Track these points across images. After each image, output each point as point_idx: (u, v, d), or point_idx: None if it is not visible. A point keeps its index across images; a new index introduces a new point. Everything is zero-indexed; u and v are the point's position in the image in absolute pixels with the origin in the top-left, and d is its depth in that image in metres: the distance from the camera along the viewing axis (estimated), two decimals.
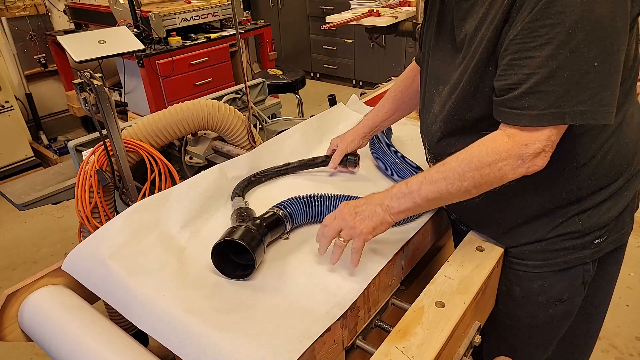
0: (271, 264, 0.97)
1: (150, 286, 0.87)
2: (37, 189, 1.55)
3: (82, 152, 1.56)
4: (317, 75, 5.46)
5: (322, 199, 1.06)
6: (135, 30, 3.03)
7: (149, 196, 1.10)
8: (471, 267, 0.95)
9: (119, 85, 3.39)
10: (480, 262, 0.97)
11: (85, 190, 1.34)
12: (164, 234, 1.03)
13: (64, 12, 3.93)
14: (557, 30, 0.69)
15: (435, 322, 0.82)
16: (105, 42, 1.59)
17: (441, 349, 0.78)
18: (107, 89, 1.27)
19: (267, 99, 2.17)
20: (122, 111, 2.31)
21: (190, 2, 3.38)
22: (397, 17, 2.58)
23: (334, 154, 1.29)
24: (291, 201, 1.05)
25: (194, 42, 3.25)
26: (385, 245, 0.99)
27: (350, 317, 0.86)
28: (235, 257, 0.94)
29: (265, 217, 1.00)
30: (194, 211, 1.10)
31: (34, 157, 3.60)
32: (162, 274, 0.91)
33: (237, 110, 1.62)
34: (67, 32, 3.75)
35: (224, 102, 1.63)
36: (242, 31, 3.63)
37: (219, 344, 0.75)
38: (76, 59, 1.51)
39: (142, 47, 1.71)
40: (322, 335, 0.78)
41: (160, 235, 1.02)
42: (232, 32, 3.42)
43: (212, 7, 3.39)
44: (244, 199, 1.14)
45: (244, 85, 1.62)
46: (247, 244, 0.88)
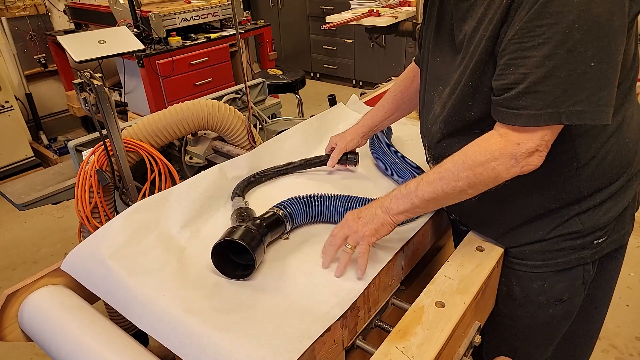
0: (271, 264, 0.97)
1: (150, 286, 0.87)
2: (37, 189, 1.55)
3: (82, 152, 1.56)
4: (317, 75, 5.46)
5: (322, 199, 1.06)
6: (135, 30, 3.03)
7: (149, 196, 1.10)
8: (471, 267, 0.95)
9: (119, 85, 3.39)
10: (480, 262, 0.97)
11: (85, 190, 1.34)
12: (164, 234, 1.03)
13: (64, 12, 3.93)
14: (554, 30, 0.69)
15: (435, 322, 0.82)
16: (105, 42, 1.59)
17: (441, 349, 0.78)
18: (107, 89, 1.27)
19: (267, 99, 2.17)
20: (122, 111, 2.30)
21: (190, 2, 3.38)
22: (397, 17, 2.58)
23: (333, 152, 1.29)
24: (291, 201, 1.05)
25: (194, 42, 3.25)
26: (385, 245, 0.99)
27: (350, 317, 0.86)
28: (235, 257, 0.94)
29: (265, 217, 1.00)
30: (194, 211, 1.10)
31: (34, 157, 3.60)
32: (162, 274, 0.91)
33: (237, 110, 1.62)
34: (67, 32, 3.75)
35: (224, 102, 1.63)
36: (242, 31, 3.63)
37: (219, 344, 0.75)
38: (76, 59, 1.51)
39: (142, 47, 1.71)
40: (322, 335, 0.78)
41: (160, 235, 1.02)
42: (232, 32, 3.43)
43: (212, 7, 3.39)
44: (244, 199, 1.14)
45: (244, 85, 1.62)
46: (247, 244, 0.88)
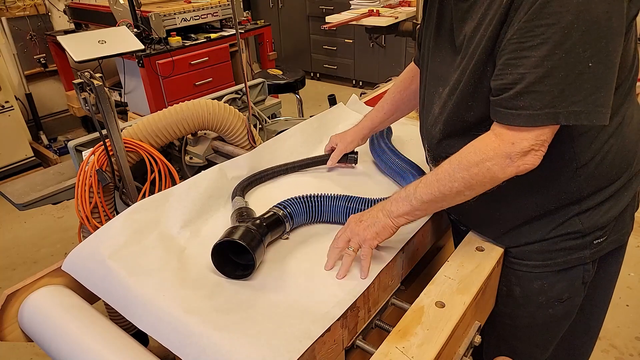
0: (271, 264, 0.97)
1: (150, 286, 0.87)
2: (37, 189, 1.55)
3: (82, 152, 1.56)
4: (317, 75, 5.46)
5: (322, 199, 1.06)
6: (135, 30, 3.03)
7: (149, 196, 1.10)
8: (471, 267, 0.95)
9: (119, 85, 3.39)
10: (480, 262, 0.97)
11: (85, 190, 1.34)
12: (164, 234, 1.03)
13: (64, 12, 3.93)
14: (553, 30, 0.69)
15: (435, 322, 0.82)
16: (105, 42, 1.59)
17: (441, 349, 0.78)
18: (107, 89, 1.27)
19: (267, 99, 2.17)
20: (122, 111, 2.31)
21: (190, 2, 3.38)
22: (397, 17, 2.58)
23: (333, 152, 1.31)
24: (291, 201, 1.05)
25: (194, 42, 3.25)
26: (385, 245, 0.99)
27: (350, 317, 0.86)
28: (235, 257, 0.94)
29: (265, 217, 1.00)
30: (194, 211, 1.10)
31: (34, 157, 3.60)
32: (162, 274, 0.91)
33: (237, 110, 1.62)
34: (67, 32, 3.75)
35: (224, 102, 1.63)
36: (242, 31, 3.63)
37: (219, 344, 0.75)
38: (76, 59, 1.52)
39: (142, 47, 1.71)
40: (322, 335, 0.78)
41: (160, 235, 1.02)
42: (232, 32, 3.42)
43: (212, 7, 3.39)
44: (244, 199, 1.14)
45: (244, 85, 1.62)
46: (247, 244, 0.88)
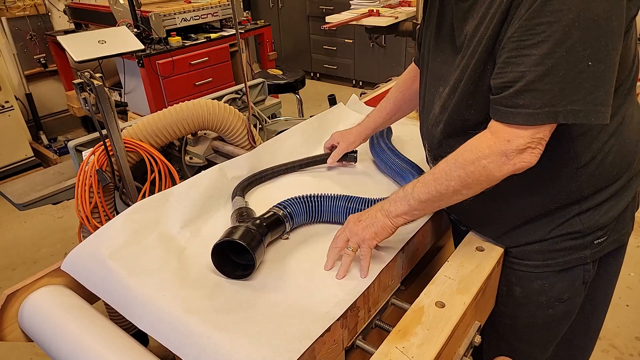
0: (271, 264, 0.97)
1: (150, 286, 0.87)
2: (37, 189, 1.55)
3: (82, 152, 1.56)
4: (317, 75, 5.46)
5: (322, 199, 1.06)
6: (135, 30, 3.03)
7: (149, 196, 1.10)
8: (471, 267, 0.95)
9: (119, 85, 3.39)
10: (480, 262, 0.97)
11: (85, 190, 1.34)
12: (164, 234, 1.03)
13: (64, 12, 3.92)
14: (553, 28, 0.69)
15: (435, 322, 0.82)
16: (105, 42, 1.58)
17: (441, 349, 0.78)
18: (107, 89, 1.27)
19: (267, 99, 2.17)
20: (122, 111, 2.30)
21: (190, 2, 3.38)
22: (397, 17, 2.58)
23: (334, 151, 1.31)
24: (291, 201, 1.05)
25: (194, 42, 3.25)
26: (385, 245, 0.99)
27: (350, 317, 0.86)
28: (235, 257, 0.94)
29: (265, 217, 1.00)
30: (194, 211, 1.10)
31: (34, 157, 3.60)
32: (162, 274, 0.91)
33: (237, 110, 1.62)
34: (67, 32, 3.75)
35: (224, 102, 1.63)
36: (242, 31, 3.63)
37: (219, 344, 0.75)
38: (76, 59, 1.51)
39: (142, 47, 1.71)
40: (322, 335, 0.78)
41: (160, 235, 1.02)
42: (232, 32, 3.42)
43: (212, 7, 3.39)
44: (244, 199, 1.14)
45: (244, 85, 1.62)
46: (247, 244, 0.88)
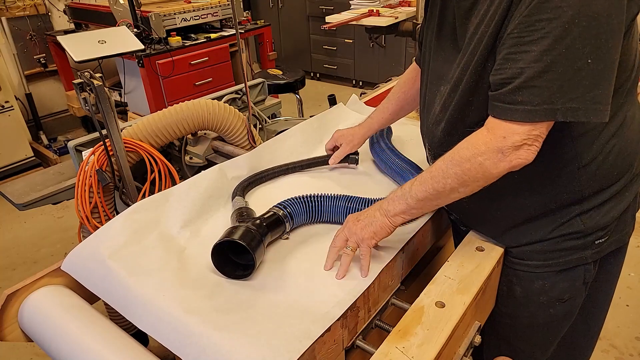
0: (271, 264, 0.97)
1: (150, 286, 0.87)
2: (37, 189, 1.55)
3: (82, 152, 1.56)
4: (317, 75, 5.46)
5: (322, 199, 1.06)
6: (135, 30, 3.03)
7: (149, 196, 1.10)
8: (471, 267, 0.95)
9: (119, 85, 3.39)
10: (480, 262, 0.97)
11: (85, 190, 1.34)
12: (164, 234, 1.03)
13: (64, 12, 3.92)
14: (553, 25, 0.69)
15: (435, 322, 0.82)
16: (105, 42, 1.58)
17: (441, 349, 0.78)
18: (107, 89, 1.27)
19: (267, 99, 2.17)
20: (122, 111, 2.30)
21: (190, 2, 3.38)
22: (397, 17, 2.58)
23: (336, 152, 1.31)
24: (291, 201, 1.05)
25: (194, 42, 3.25)
26: (385, 245, 0.99)
27: (350, 317, 0.86)
28: (235, 257, 0.94)
29: (265, 217, 1.00)
30: (194, 211, 1.10)
31: (34, 157, 3.60)
32: (162, 274, 0.91)
33: (237, 110, 1.62)
34: (67, 32, 3.74)
35: (224, 102, 1.63)
36: (242, 31, 3.63)
37: (219, 344, 0.75)
38: (76, 59, 1.51)
39: (142, 47, 1.71)
40: (322, 335, 0.78)
41: (160, 235, 1.02)
42: (232, 32, 3.42)
43: (212, 7, 3.39)
44: (244, 198, 1.14)
45: (244, 85, 1.61)
46: (247, 244, 0.88)
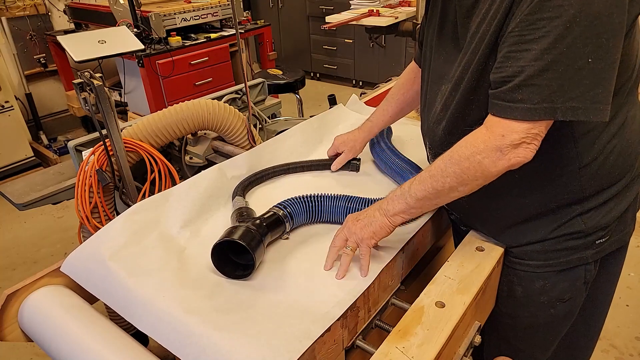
0: (271, 264, 0.97)
1: (150, 286, 0.87)
2: (37, 189, 1.55)
3: (82, 152, 1.55)
4: (317, 75, 5.46)
5: (322, 199, 1.06)
6: (135, 30, 3.03)
7: (149, 196, 1.10)
8: (471, 267, 0.95)
9: (119, 85, 3.39)
10: (480, 262, 0.97)
11: (85, 190, 1.34)
12: (164, 234, 1.03)
13: (64, 12, 3.92)
14: (554, 23, 0.69)
15: (435, 322, 0.82)
16: (105, 42, 1.58)
17: (441, 349, 0.78)
18: (107, 89, 1.27)
19: (267, 99, 2.17)
20: (122, 111, 2.30)
21: (190, 2, 3.38)
22: (397, 17, 2.58)
23: (338, 158, 1.32)
24: (291, 201, 1.05)
25: (194, 42, 3.25)
26: (385, 245, 0.99)
27: (350, 317, 0.86)
28: (235, 257, 0.94)
29: (265, 217, 1.00)
30: (194, 211, 1.10)
31: (34, 157, 3.60)
32: (162, 274, 0.91)
33: (237, 110, 1.62)
34: (67, 32, 3.74)
35: (224, 102, 1.63)
36: (242, 31, 3.63)
37: (219, 344, 0.75)
38: (76, 59, 1.51)
39: (142, 47, 1.70)
40: (322, 335, 0.78)
41: (160, 235, 1.02)
42: (232, 32, 3.42)
43: (212, 7, 3.39)
44: (245, 198, 1.14)
45: (244, 85, 1.61)
46: (247, 244, 0.88)
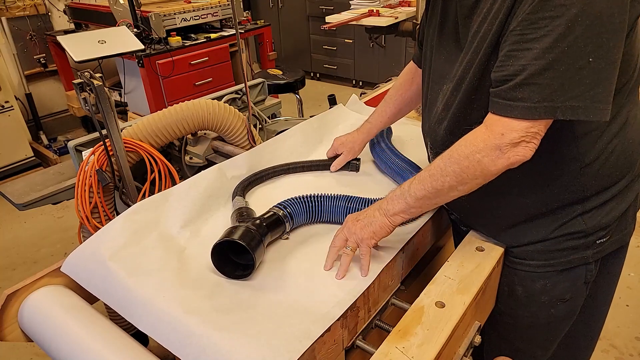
0: (271, 264, 0.97)
1: (150, 286, 0.87)
2: (37, 189, 1.55)
3: (82, 152, 1.56)
4: (317, 75, 5.46)
5: (322, 199, 1.06)
6: (135, 30, 3.03)
7: (149, 196, 1.10)
8: (471, 267, 0.95)
9: (119, 85, 3.39)
10: (480, 262, 0.97)
11: (85, 190, 1.34)
12: (164, 234, 1.03)
13: (64, 12, 3.92)
14: (556, 23, 0.69)
15: (435, 322, 0.82)
16: (105, 42, 1.58)
17: (441, 349, 0.78)
18: (107, 89, 1.27)
19: (267, 99, 2.17)
20: (122, 111, 2.30)
21: (190, 2, 3.38)
22: (397, 17, 2.58)
23: (337, 159, 1.32)
24: (291, 201, 1.05)
25: (194, 42, 3.25)
26: (385, 245, 0.99)
27: (350, 317, 0.86)
28: (235, 257, 0.94)
29: (265, 217, 1.00)
30: (194, 211, 1.10)
31: (34, 157, 3.60)
32: (162, 274, 0.91)
33: (237, 110, 1.62)
34: (67, 32, 3.74)
35: (224, 102, 1.63)
36: (242, 31, 3.63)
37: (219, 344, 0.75)
38: (76, 59, 1.51)
39: (142, 47, 1.70)
40: (322, 335, 0.78)
41: (160, 235, 1.02)
42: (232, 32, 3.42)
43: (212, 7, 3.39)
44: (245, 198, 1.14)
45: (244, 85, 1.61)
46: (246, 244, 0.88)
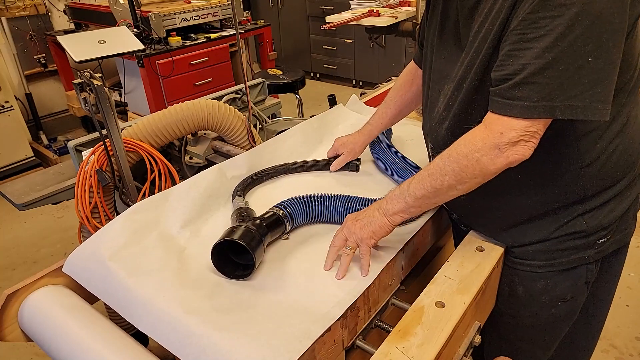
0: (271, 264, 0.97)
1: (150, 286, 0.87)
2: (37, 189, 1.55)
3: (82, 152, 1.56)
4: (317, 75, 5.46)
5: (322, 199, 1.06)
6: (135, 30, 3.03)
7: (149, 196, 1.10)
8: (471, 267, 0.95)
9: (119, 85, 3.39)
10: (480, 262, 0.97)
11: (85, 190, 1.34)
12: (164, 234, 1.03)
13: (64, 12, 3.92)
14: (556, 22, 0.69)
15: (435, 322, 0.82)
16: (105, 42, 1.58)
17: (441, 349, 0.78)
18: (107, 89, 1.27)
19: (267, 99, 2.17)
20: (122, 111, 2.30)
21: (190, 2, 3.38)
22: (397, 17, 2.58)
23: (338, 159, 1.32)
24: (291, 201, 1.05)
25: (194, 42, 3.25)
26: (385, 245, 0.99)
27: (350, 317, 0.86)
28: (235, 257, 0.94)
29: (265, 217, 1.00)
30: (194, 211, 1.10)
31: (34, 157, 3.60)
32: (162, 274, 0.91)
33: (237, 110, 1.62)
34: (67, 32, 3.74)
35: (224, 102, 1.63)
36: (242, 31, 3.63)
37: (219, 344, 0.75)
38: (76, 59, 1.51)
39: (142, 47, 1.70)
40: (322, 335, 0.78)
41: (160, 235, 1.02)
42: (232, 32, 3.42)
43: (212, 7, 3.39)
44: (245, 198, 1.14)
45: (244, 85, 1.61)
46: (246, 244, 0.88)
